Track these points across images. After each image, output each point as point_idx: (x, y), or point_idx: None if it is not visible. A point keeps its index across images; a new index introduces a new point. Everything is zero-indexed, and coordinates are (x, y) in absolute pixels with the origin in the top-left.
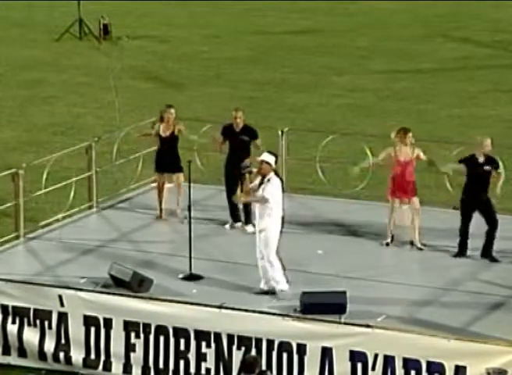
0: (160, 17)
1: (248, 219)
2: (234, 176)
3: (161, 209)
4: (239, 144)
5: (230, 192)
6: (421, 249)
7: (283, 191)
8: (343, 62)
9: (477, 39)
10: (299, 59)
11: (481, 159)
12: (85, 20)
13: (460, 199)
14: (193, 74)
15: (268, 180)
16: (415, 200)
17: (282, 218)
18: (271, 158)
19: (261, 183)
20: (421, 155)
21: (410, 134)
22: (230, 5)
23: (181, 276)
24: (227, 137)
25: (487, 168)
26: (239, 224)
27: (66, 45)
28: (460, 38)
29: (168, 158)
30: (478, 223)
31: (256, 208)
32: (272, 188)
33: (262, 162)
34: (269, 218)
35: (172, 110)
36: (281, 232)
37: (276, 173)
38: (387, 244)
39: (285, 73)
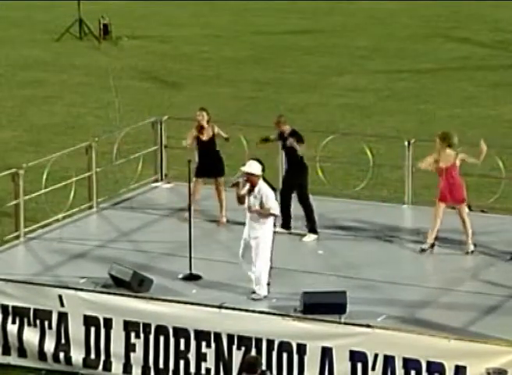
0: (160, 17)
1: (312, 229)
2: (288, 184)
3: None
4: (287, 149)
5: (283, 199)
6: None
7: (275, 191)
8: (343, 62)
9: (477, 39)
10: (299, 59)
11: None
12: (85, 20)
13: None
14: (193, 74)
15: (259, 191)
16: (463, 207)
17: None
18: (255, 168)
19: (250, 191)
20: (466, 158)
21: (450, 139)
22: (230, 5)
23: (181, 276)
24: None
25: None
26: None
27: (66, 45)
28: (460, 38)
29: (209, 163)
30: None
31: (250, 216)
32: (271, 200)
33: (246, 173)
34: (264, 225)
35: (204, 113)
36: (275, 232)
37: (264, 179)
38: (423, 250)
39: (285, 73)
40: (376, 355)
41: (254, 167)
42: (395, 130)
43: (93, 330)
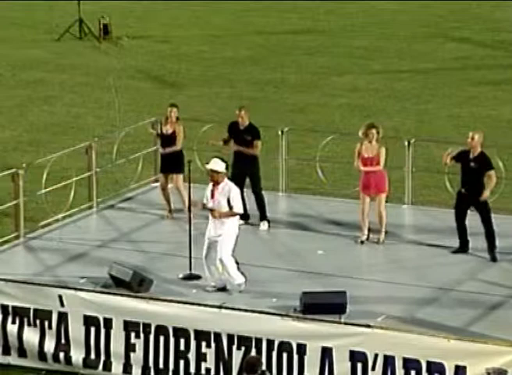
0: (160, 17)
1: (263, 216)
2: (239, 174)
3: (170, 210)
4: (241, 142)
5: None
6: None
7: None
8: (343, 62)
9: (477, 39)
10: (299, 59)
11: (471, 155)
12: (85, 20)
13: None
14: (193, 74)
15: (225, 188)
16: (382, 197)
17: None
18: (220, 166)
19: (212, 191)
20: (382, 154)
21: (374, 131)
22: (230, 5)
23: (181, 276)
24: (232, 135)
25: (473, 165)
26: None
27: (66, 45)
28: (460, 38)
29: (167, 158)
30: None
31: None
32: (237, 198)
33: (211, 171)
34: (228, 222)
35: (175, 109)
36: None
37: (229, 178)
38: (362, 242)
39: (285, 73)
40: (376, 355)
41: (219, 165)
42: (395, 130)
43: (93, 330)
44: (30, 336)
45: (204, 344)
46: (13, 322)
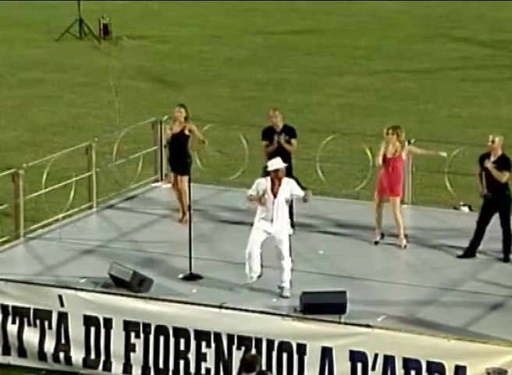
0: (160, 17)
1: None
2: None
3: (182, 210)
4: (279, 144)
5: None
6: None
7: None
8: (343, 62)
9: (477, 39)
10: (299, 59)
11: (493, 158)
12: (85, 20)
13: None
14: (193, 74)
15: (287, 182)
16: (395, 200)
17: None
18: (282, 162)
19: (275, 187)
20: (413, 149)
21: (390, 131)
22: (230, 5)
23: (181, 276)
24: (269, 139)
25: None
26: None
27: (66, 45)
28: (460, 38)
29: (175, 158)
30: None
31: (278, 211)
32: (296, 185)
33: (279, 169)
34: (288, 221)
35: (182, 109)
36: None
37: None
38: (376, 243)
39: (285, 73)
40: (376, 355)
41: (281, 162)
42: None
43: (93, 330)
44: (30, 336)
45: (204, 344)
46: (13, 322)
